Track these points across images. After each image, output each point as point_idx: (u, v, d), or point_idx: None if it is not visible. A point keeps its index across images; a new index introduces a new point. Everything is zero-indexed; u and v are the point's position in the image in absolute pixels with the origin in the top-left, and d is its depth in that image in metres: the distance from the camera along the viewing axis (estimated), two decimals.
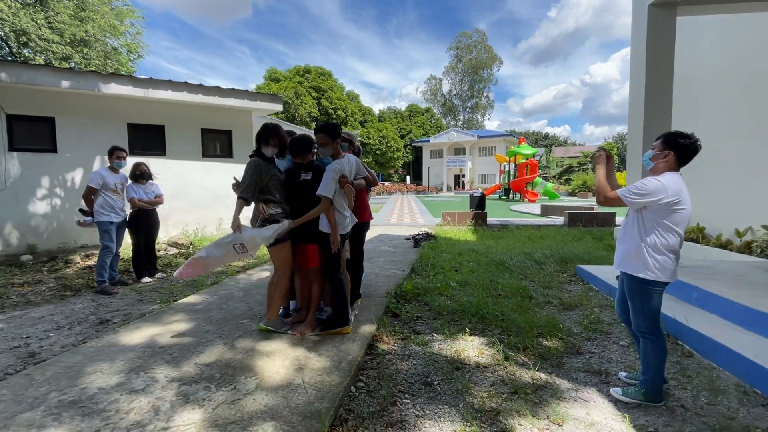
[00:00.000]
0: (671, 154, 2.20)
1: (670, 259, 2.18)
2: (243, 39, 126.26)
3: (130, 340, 2.96)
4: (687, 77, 6.64)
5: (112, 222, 4.57)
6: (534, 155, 26.59)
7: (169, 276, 5.30)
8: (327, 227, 2.97)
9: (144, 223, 4.94)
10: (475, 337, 3.24)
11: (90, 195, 4.51)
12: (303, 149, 3.03)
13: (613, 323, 3.57)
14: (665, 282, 2.21)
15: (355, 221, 3.25)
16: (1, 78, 5.69)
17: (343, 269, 3.22)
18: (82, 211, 4.68)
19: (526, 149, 25.86)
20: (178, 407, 2.08)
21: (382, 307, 3.79)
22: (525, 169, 25.01)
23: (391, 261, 6.04)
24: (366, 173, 3.40)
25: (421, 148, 51.69)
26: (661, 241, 2.17)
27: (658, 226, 2.18)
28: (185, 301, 3.96)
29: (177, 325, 3.29)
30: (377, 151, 46.19)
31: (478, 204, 11.56)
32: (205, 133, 8.10)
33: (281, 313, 3.38)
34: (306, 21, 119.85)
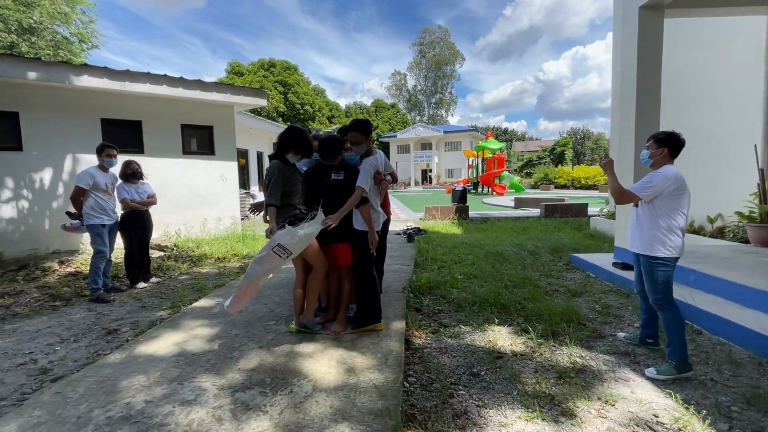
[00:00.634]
0: (665, 150, 2.64)
1: (680, 237, 2.58)
2: (194, 30, 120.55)
3: (156, 349, 2.80)
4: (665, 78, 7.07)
5: (104, 225, 4.25)
6: (501, 149, 27.46)
7: (165, 280, 5.02)
8: (362, 225, 2.94)
9: (138, 224, 4.63)
10: (501, 327, 3.35)
11: (78, 196, 4.17)
12: (334, 152, 2.96)
13: (622, 307, 3.81)
14: (677, 258, 2.60)
15: (386, 217, 3.24)
16: None
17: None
18: (69, 213, 4.30)
19: (494, 144, 26.65)
20: (242, 415, 2.01)
21: (403, 302, 3.81)
22: (493, 163, 25.77)
23: (391, 256, 6.02)
24: (392, 169, 3.40)
25: (388, 144, 51.77)
26: (672, 222, 2.57)
27: (668, 210, 2.57)
28: (198, 306, 3.78)
29: (200, 330, 3.14)
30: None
31: (460, 198, 11.81)
32: (185, 128, 7.67)
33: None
34: (262, 12, 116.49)
